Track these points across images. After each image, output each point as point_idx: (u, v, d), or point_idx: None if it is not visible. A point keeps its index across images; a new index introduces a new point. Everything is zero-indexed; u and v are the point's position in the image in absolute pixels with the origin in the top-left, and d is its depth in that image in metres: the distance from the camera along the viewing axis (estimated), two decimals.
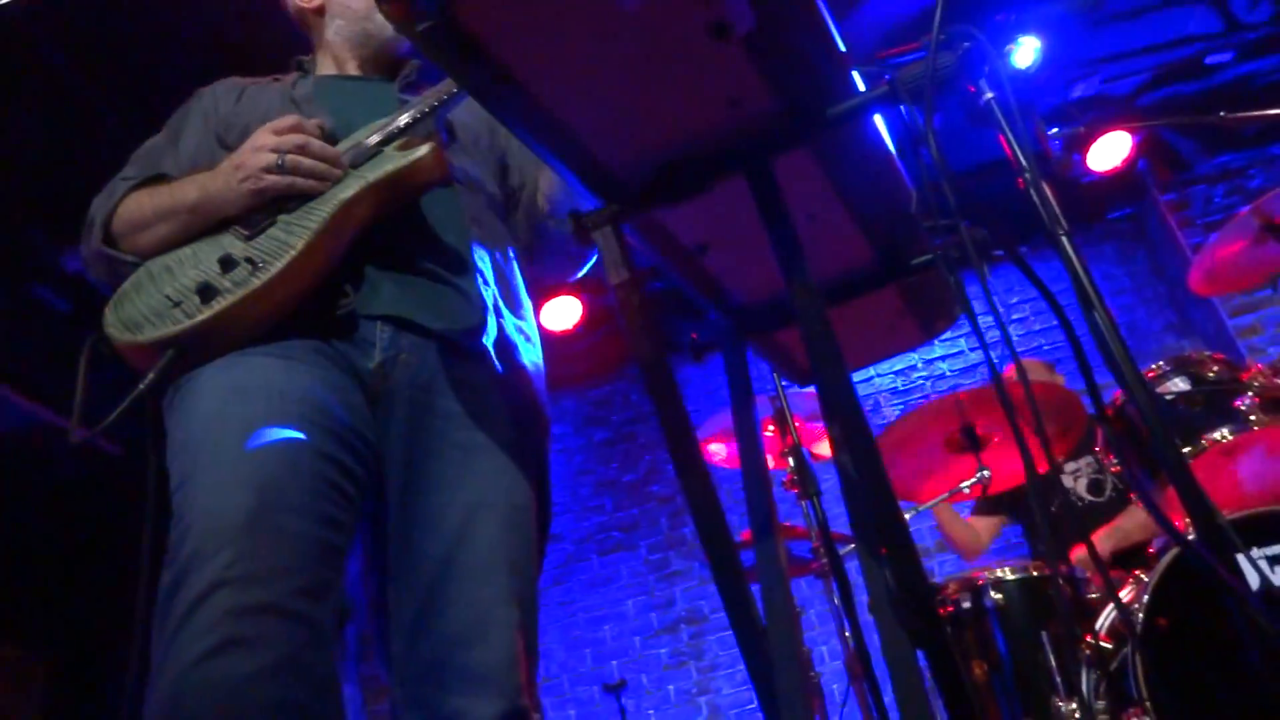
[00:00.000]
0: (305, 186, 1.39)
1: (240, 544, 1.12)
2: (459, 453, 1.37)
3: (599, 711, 4.98)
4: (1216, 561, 1.11)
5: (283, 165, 1.38)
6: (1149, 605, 2.07)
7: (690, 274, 1.33)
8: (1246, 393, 2.42)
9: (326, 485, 1.24)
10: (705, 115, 1.06)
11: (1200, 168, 5.20)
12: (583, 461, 5.57)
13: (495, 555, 1.33)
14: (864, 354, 1.79)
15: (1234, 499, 2.57)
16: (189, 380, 1.31)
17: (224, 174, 1.41)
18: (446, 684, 1.25)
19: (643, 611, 5.17)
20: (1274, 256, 2.65)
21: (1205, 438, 2.38)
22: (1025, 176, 1.21)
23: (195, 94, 1.67)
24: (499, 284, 1.53)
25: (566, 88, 0.98)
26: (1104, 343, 1.08)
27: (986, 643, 2.57)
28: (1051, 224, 1.14)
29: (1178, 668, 2.06)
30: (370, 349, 1.38)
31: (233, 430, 1.23)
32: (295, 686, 1.09)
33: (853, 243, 1.41)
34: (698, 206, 1.18)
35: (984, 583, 2.58)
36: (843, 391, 1.06)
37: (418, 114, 1.48)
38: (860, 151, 1.23)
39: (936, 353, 5.32)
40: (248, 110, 1.58)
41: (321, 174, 1.40)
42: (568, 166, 1.09)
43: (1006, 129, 1.17)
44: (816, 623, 4.79)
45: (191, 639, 1.07)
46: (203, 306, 1.29)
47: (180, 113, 1.65)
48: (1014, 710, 2.46)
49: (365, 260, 1.43)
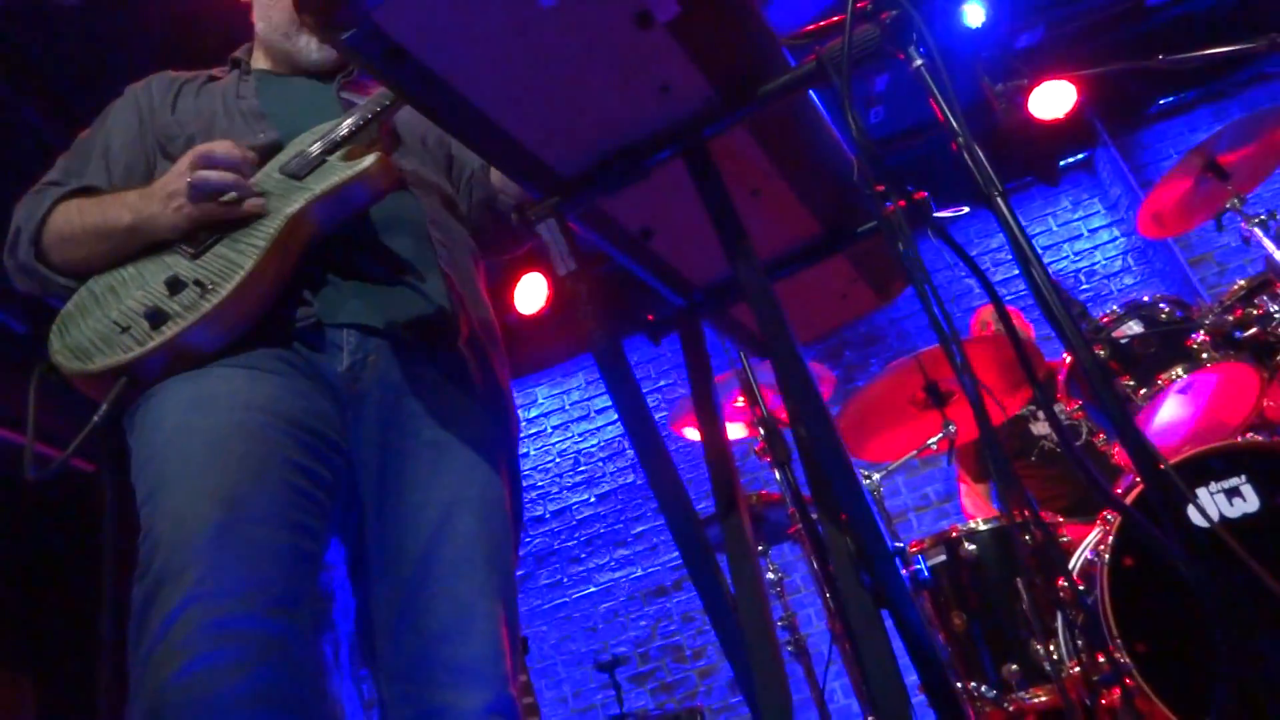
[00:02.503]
0: (230, 214, 1.36)
1: (210, 558, 1.12)
2: (431, 451, 1.38)
3: (595, 690, 5.03)
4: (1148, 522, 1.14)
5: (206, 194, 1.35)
6: (1114, 546, 2.13)
7: (638, 258, 1.34)
8: (1198, 331, 2.47)
9: (295, 493, 1.24)
10: (637, 103, 1.07)
11: (1148, 109, 5.26)
12: (560, 442, 5.59)
13: (474, 550, 1.34)
14: (821, 322, 1.81)
15: (1191, 435, 2.63)
16: (150, 395, 1.30)
17: (158, 199, 1.38)
18: (433, 679, 1.27)
19: (630, 586, 5.22)
20: (1218, 195, 2.70)
21: (1160, 377, 2.44)
22: (959, 141, 1.22)
23: (126, 91, 1.63)
24: (462, 283, 1.53)
25: (495, 86, 0.98)
26: (1043, 300, 1.11)
27: (964, 594, 2.62)
28: (986, 185, 1.15)
29: (1146, 603, 2.12)
30: (338, 353, 1.38)
31: (197, 442, 1.22)
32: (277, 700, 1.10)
33: (798, 215, 1.43)
34: (639, 192, 1.19)
35: (958, 535, 2.63)
36: (793, 362, 1.08)
37: (361, 120, 1.45)
38: (797, 126, 1.25)
39: (902, 313, 5.37)
40: (190, 119, 1.54)
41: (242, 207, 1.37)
42: (505, 163, 1.10)
43: (937, 94, 1.19)
44: (801, 586, 4.85)
45: (168, 657, 1.08)
46: (152, 332, 1.27)
47: (110, 111, 1.60)
48: (994, 657, 2.52)
49: (326, 268, 1.42)
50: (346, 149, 1.43)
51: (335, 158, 1.42)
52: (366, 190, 1.41)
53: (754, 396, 2.61)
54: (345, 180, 1.39)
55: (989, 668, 2.52)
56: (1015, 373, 2.70)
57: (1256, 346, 2.48)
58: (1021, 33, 4.69)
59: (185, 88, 1.62)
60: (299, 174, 1.41)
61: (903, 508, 4.98)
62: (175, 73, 1.66)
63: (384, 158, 1.41)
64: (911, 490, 5.02)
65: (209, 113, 1.55)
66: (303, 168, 1.42)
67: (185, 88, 1.62)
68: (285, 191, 1.40)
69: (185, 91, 1.61)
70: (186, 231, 1.37)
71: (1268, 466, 2.14)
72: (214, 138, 1.43)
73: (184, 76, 1.65)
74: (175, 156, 1.47)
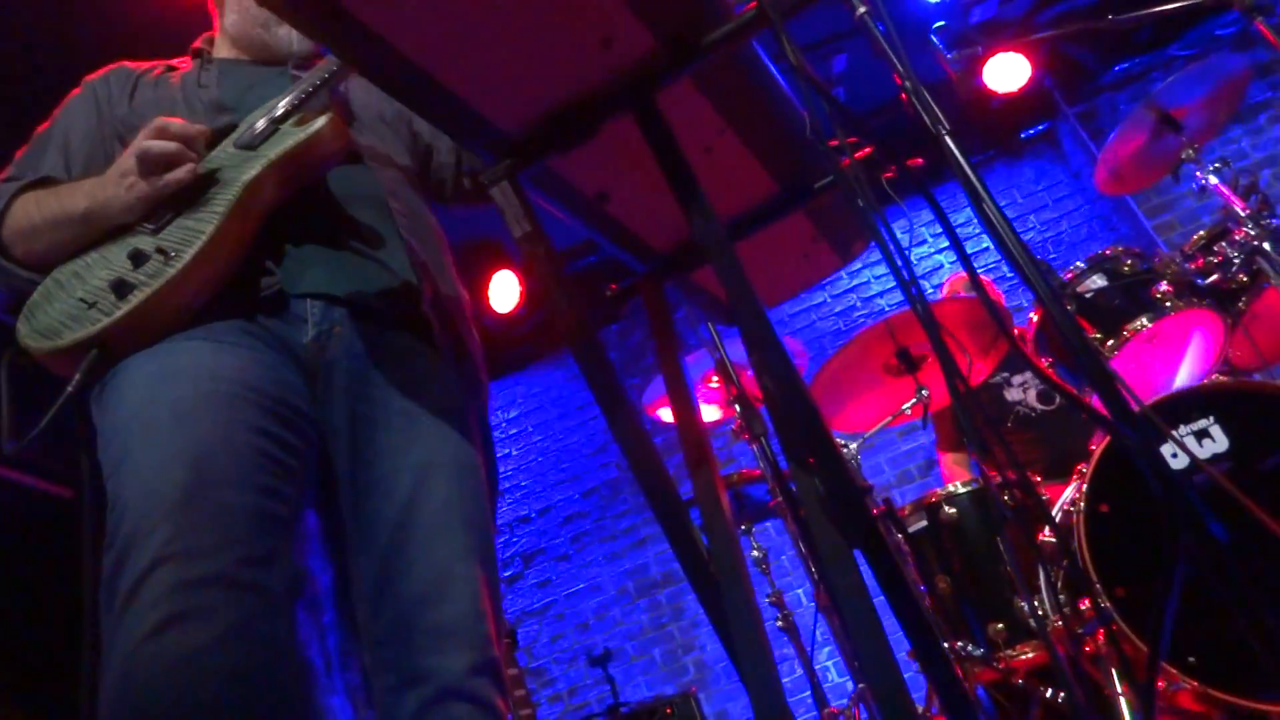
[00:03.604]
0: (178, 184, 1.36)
1: (178, 519, 1.12)
2: (402, 419, 1.38)
3: (589, 685, 5.02)
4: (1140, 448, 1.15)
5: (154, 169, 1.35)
6: (1088, 494, 2.15)
7: (596, 223, 1.34)
8: (1160, 281, 2.50)
9: (264, 458, 1.23)
10: (582, 58, 1.07)
11: (1103, 77, 5.32)
12: (542, 441, 5.58)
13: (450, 513, 1.34)
14: (785, 285, 1.82)
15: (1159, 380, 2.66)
16: (115, 373, 1.29)
17: (113, 181, 1.38)
18: (415, 643, 1.26)
19: (619, 580, 5.22)
20: (1172, 148, 2.73)
21: (1126, 328, 2.46)
22: (905, 85, 1.23)
23: (83, 83, 1.62)
24: (424, 251, 1.53)
25: (438, 45, 0.98)
26: (996, 234, 1.12)
27: (947, 557, 2.64)
28: (934, 125, 1.16)
29: (1123, 548, 2.14)
30: (303, 324, 1.39)
31: (163, 412, 1.22)
32: (249, 653, 1.09)
33: (753, 172, 1.44)
34: (592, 154, 1.19)
35: (937, 499, 2.65)
36: (754, 310, 1.08)
37: (309, 88, 1.47)
38: (744, 79, 1.25)
39: (874, 290, 5.40)
40: (149, 109, 1.53)
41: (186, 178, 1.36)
42: (454, 126, 1.10)
43: (880, 40, 1.20)
44: (790, 568, 4.87)
45: (138, 617, 1.07)
46: (119, 302, 1.27)
47: (67, 104, 1.60)
48: (980, 617, 2.54)
49: (287, 239, 1.42)
50: (297, 116, 1.44)
51: (287, 125, 1.43)
52: (321, 152, 1.42)
53: (728, 373, 2.62)
54: (298, 143, 1.40)
55: (976, 628, 2.54)
56: (985, 334, 2.72)
57: (1219, 293, 2.51)
58: (975, 6, 4.74)
59: (143, 79, 1.62)
60: (253, 145, 1.42)
61: (886, 483, 5.01)
62: (132, 64, 1.65)
63: (335, 119, 1.42)
64: (893, 467, 5.05)
65: (168, 102, 1.55)
66: (255, 139, 1.43)
67: (143, 79, 1.62)
68: (240, 162, 1.41)
69: (143, 83, 1.61)
70: (144, 211, 1.37)
71: (1234, 406, 2.17)
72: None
73: (141, 68, 1.65)
74: None
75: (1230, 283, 2.50)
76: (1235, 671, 2.00)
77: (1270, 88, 5.15)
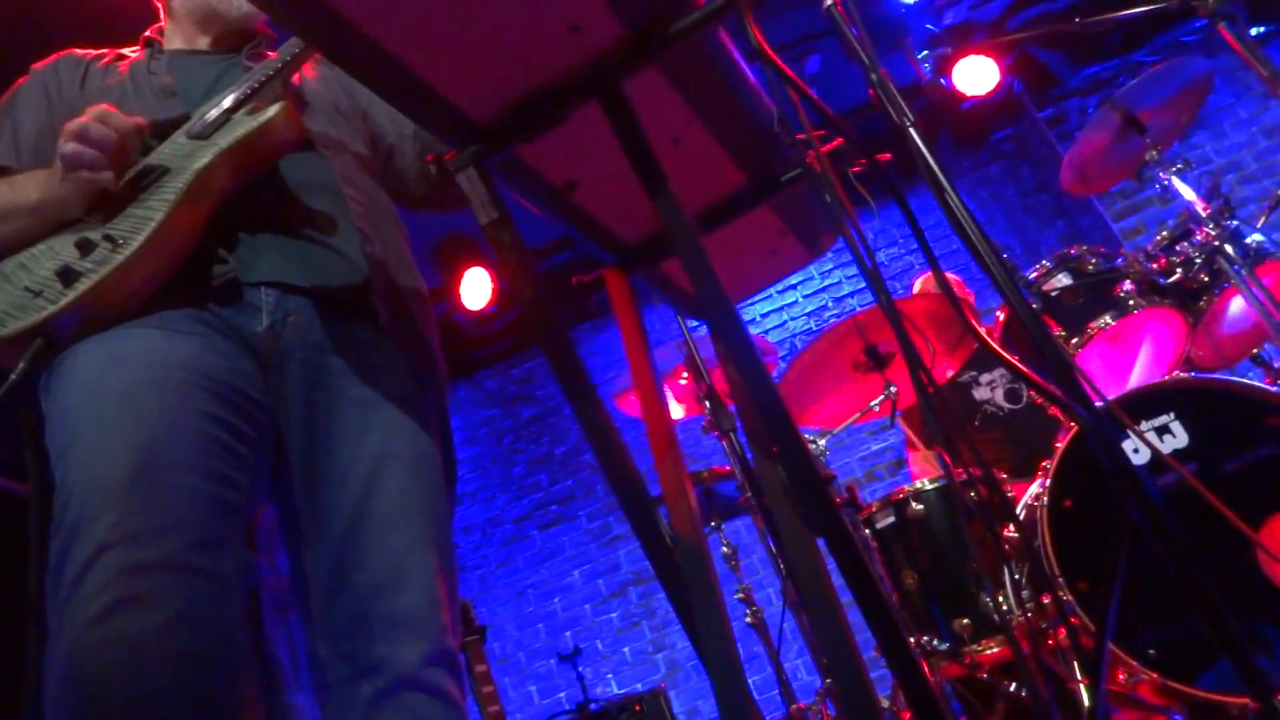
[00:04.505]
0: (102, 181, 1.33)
1: (125, 503, 1.10)
2: (357, 408, 1.37)
3: (558, 683, 5.02)
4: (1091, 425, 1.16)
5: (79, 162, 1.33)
6: (1052, 490, 2.17)
7: (564, 212, 1.34)
8: (1124, 280, 2.53)
9: (215, 444, 1.22)
10: (549, 45, 1.07)
11: (1072, 82, 5.38)
12: (513, 440, 5.57)
13: (406, 503, 1.33)
14: (753, 280, 1.82)
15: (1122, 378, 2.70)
16: (63, 359, 1.28)
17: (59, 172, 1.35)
18: (370, 633, 1.25)
19: (590, 579, 5.21)
20: (1136, 148, 2.77)
21: (1091, 326, 2.50)
22: (872, 78, 1.24)
23: (32, 71, 1.60)
24: (379, 240, 1.52)
25: (403, 27, 0.98)
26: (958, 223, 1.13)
27: (914, 553, 2.66)
28: (898, 116, 1.17)
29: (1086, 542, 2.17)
30: (257, 313, 1.37)
31: (111, 397, 1.20)
32: (198, 637, 1.08)
33: (721, 164, 1.44)
34: (560, 141, 1.19)
35: (905, 496, 2.67)
36: (720, 300, 1.09)
37: (262, 76, 1.46)
38: (712, 69, 1.26)
39: (845, 290, 5.44)
40: (99, 96, 1.51)
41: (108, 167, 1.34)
42: (419, 111, 1.09)
43: (846, 32, 1.21)
44: (760, 567, 4.88)
45: (85, 602, 1.05)
46: (65, 290, 1.26)
47: (16, 92, 1.58)
48: (946, 613, 2.56)
49: (240, 227, 1.41)
50: (250, 105, 1.43)
51: (239, 114, 1.42)
52: (274, 140, 1.41)
53: (697, 369, 2.63)
54: (250, 131, 1.39)
55: (942, 623, 2.56)
56: (952, 331, 2.74)
57: (1181, 293, 2.55)
58: (948, 9, 4.78)
59: (92, 67, 1.60)
60: (204, 134, 1.41)
61: (855, 482, 5.04)
62: (82, 52, 1.63)
63: (289, 108, 1.41)
64: (862, 466, 5.09)
65: (119, 89, 1.54)
66: (208, 128, 1.42)
67: (92, 67, 1.60)
68: (192, 151, 1.40)
69: (93, 71, 1.59)
70: (92, 204, 1.35)
71: (1195, 403, 2.20)
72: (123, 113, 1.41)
73: (90, 55, 1.63)
74: None
75: (1192, 283, 2.54)
76: (1194, 664, 2.03)
77: (1234, 93, 5.24)
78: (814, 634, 2.55)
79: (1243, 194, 5.06)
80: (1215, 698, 2.00)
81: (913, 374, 1.25)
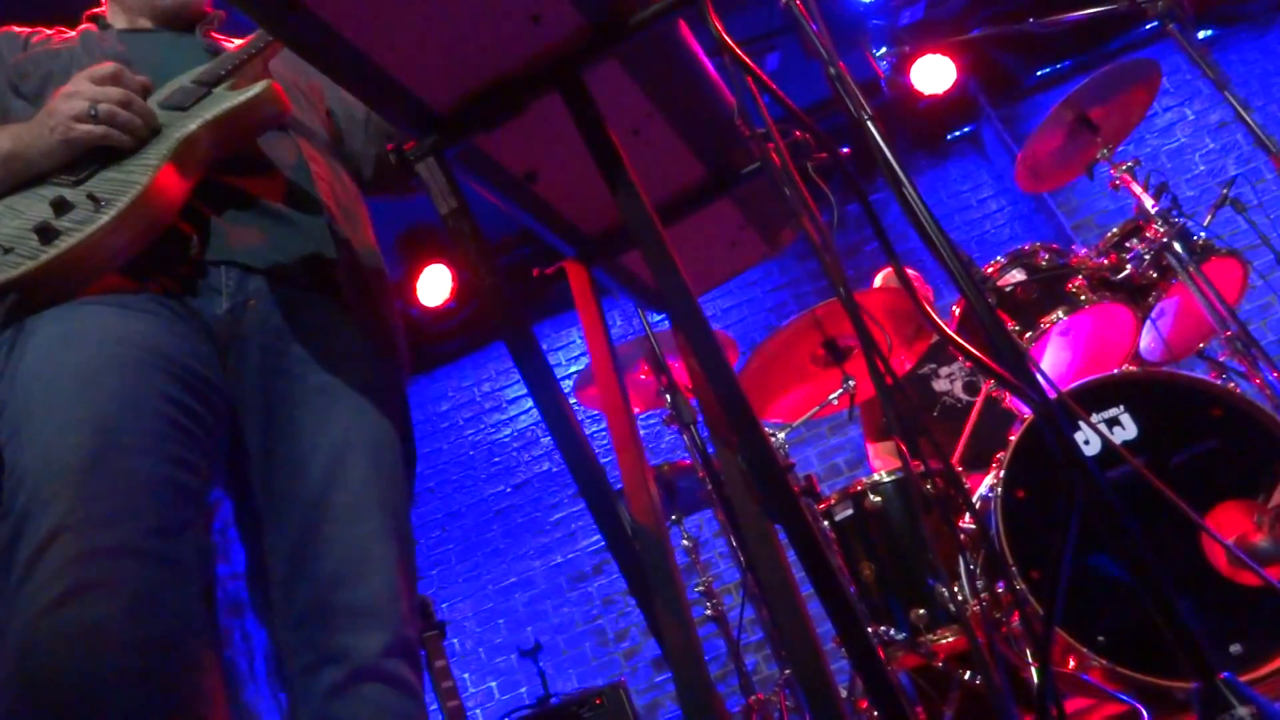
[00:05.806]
0: (119, 140, 1.32)
1: (80, 486, 1.07)
2: (318, 396, 1.35)
3: (519, 679, 5.01)
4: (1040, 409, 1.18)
5: (96, 115, 1.30)
6: (1005, 480, 2.21)
7: (523, 202, 1.34)
8: (1076, 276, 2.58)
9: (172, 426, 1.19)
10: (510, 34, 1.07)
11: (1027, 81, 5.47)
12: (473, 435, 5.54)
13: (367, 493, 1.31)
14: (713, 273, 1.83)
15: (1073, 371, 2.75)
16: (16, 337, 1.23)
17: (37, 123, 1.32)
18: (329, 623, 1.24)
19: (550, 574, 5.21)
20: (1088, 147, 2.82)
21: (1043, 320, 2.54)
22: (830, 71, 1.26)
23: None
24: (345, 223, 1.50)
25: (364, 17, 0.97)
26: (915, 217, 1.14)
27: (872, 545, 2.69)
28: (856, 110, 1.19)
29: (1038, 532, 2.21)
30: (217, 296, 1.34)
31: (66, 377, 1.16)
32: (157, 625, 1.05)
33: (681, 157, 1.45)
34: (521, 131, 1.20)
35: (863, 488, 2.70)
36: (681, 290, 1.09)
37: (244, 56, 1.44)
38: (672, 62, 1.26)
39: (806, 287, 5.48)
40: (46, 58, 1.48)
41: (136, 129, 1.33)
42: (378, 99, 1.09)
43: (806, 27, 1.22)
44: (720, 562, 4.91)
45: (38, 589, 1.02)
46: (45, 247, 1.21)
47: None
48: (903, 604, 2.59)
49: (205, 206, 1.38)
50: (230, 82, 1.41)
51: (220, 89, 1.40)
52: (259, 116, 1.40)
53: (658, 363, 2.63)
54: (237, 105, 1.37)
55: (899, 614, 2.59)
56: (910, 324, 2.78)
57: (1131, 288, 2.61)
58: (905, 9, 4.84)
59: (31, 39, 1.56)
60: (184, 105, 1.38)
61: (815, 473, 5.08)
62: (19, 29, 1.59)
63: (275, 85, 1.39)
64: (822, 461, 5.13)
65: (68, 53, 1.50)
66: (186, 99, 1.39)
67: (31, 39, 1.56)
68: (172, 120, 1.37)
69: (33, 42, 1.55)
70: (64, 160, 1.32)
71: (1142, 395, 2.26)
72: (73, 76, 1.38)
73: (27, 32, 1.58)
74: (28, 95, 1.43)
75: (1141, 278, 2.60)
76: (1143, 650, 2.08)
77: (1183, 94, 5.36)
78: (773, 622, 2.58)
79: (1190, 192, 5.18)
80: (1162, 682, 2.05)
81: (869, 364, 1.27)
